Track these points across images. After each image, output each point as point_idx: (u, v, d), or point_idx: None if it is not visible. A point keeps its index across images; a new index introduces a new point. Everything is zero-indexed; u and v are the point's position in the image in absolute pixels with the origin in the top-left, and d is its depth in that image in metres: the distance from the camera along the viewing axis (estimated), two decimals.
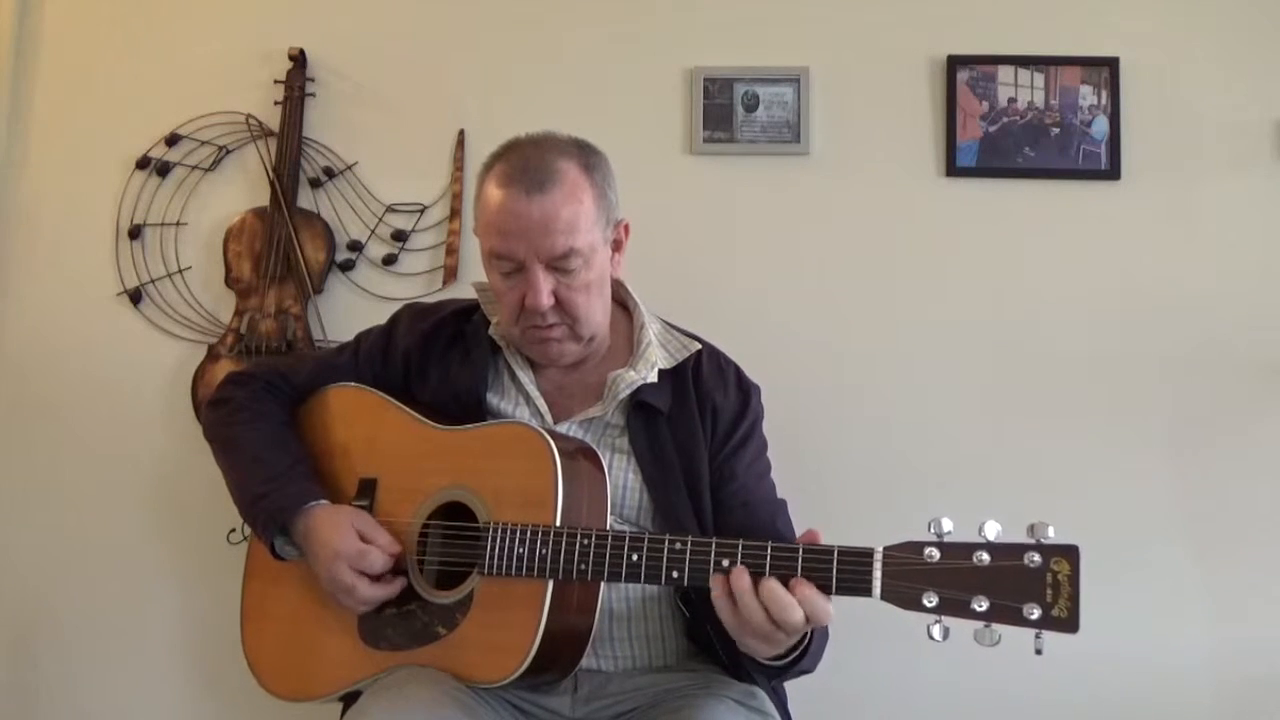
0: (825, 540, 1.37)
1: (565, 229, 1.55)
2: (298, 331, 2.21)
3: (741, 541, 1.37)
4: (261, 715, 1.93)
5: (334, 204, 2.29)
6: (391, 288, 2.25)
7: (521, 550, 1.46)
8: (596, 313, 1.64)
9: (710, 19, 2.28)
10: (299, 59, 2.28)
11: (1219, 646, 2.08)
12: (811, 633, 1.42)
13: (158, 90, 2.31)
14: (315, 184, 2.28)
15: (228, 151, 2.30)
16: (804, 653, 1.44)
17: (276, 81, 2.29)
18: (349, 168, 2.29)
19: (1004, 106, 2.21)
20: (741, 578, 1.35)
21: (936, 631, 1.27)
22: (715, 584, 1.36)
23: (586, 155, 1.63)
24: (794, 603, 1.32)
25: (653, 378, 1.65)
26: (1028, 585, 1.24)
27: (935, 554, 1.28)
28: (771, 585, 1.33)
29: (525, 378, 1.69)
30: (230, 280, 2.25)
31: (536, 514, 1.48)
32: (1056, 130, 2.20)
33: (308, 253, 2.23)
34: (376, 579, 1.56)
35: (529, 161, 1.57)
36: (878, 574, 1.30)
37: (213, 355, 2.22)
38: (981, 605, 1.25)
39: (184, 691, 2.22)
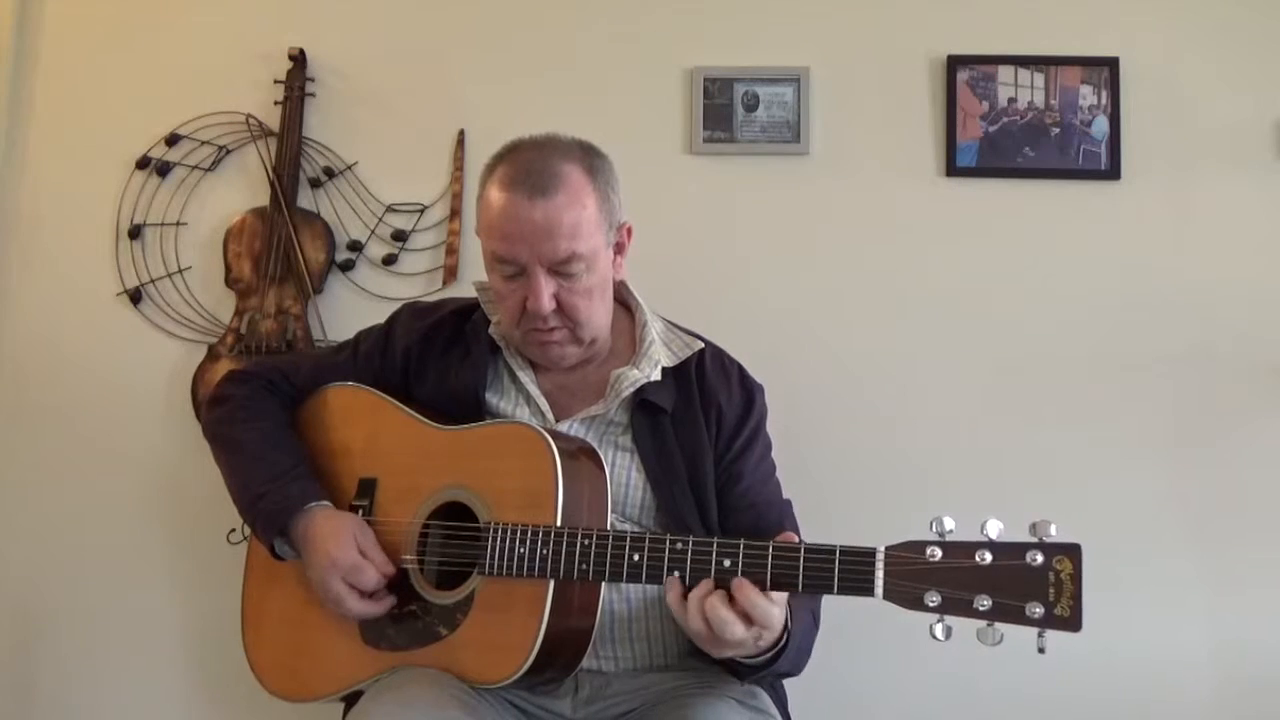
0: (823, 540, 1.36)
1: (568, 233, 1.54)
2: (298, 331, 2.21)
3: (743, 541, 1.37)
4: (262, 715, 1.92)
5: (334, 204, 2.28)
6: (391, 288, 2.25)
7: (522, 550, 1.46)
8: (598, 316, 1.64)
9: (710, 19, 2.28)
10: (299, 59, 2.28)
11: (1219, 646, 2.08)
12: (788, 636, 1.42)
13: (158, 90, 2.31)
14: (315, 184, 2.28)
15: (228, 151, 2.30)
16: (778, 655, 1.44)
17: (276, 81, 2.29)
18: (349, 168, 2.29)
19: (1004, 106, 2.21)
20: (672, 590, 1.37)
21: (939, 631, 1.27)
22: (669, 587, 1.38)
23: (590, 158, 1.62)
24: (733, 619, 1.33)
25: (656, 376, 1.65)
26: (1030, 584, 1.24)
27: (937, 553, 1.28)
28: (712, 602, 1.34)
29: (525, 377, 1.69)
30: (230, 280, 2.25)
31: (537, 514, 1.47)
32: (1056, 130, 2.20)
33: (308, 253, 2.23)
34: (367, 595, 1.56)
35: (532, 164, 1.56)
36: (880, 574, 1.30)
37: (213, 355, 2.22)
38: (984, 604, 1.25)
39: (184, 691, 2.22)
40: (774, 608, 1.35)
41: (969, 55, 2.23)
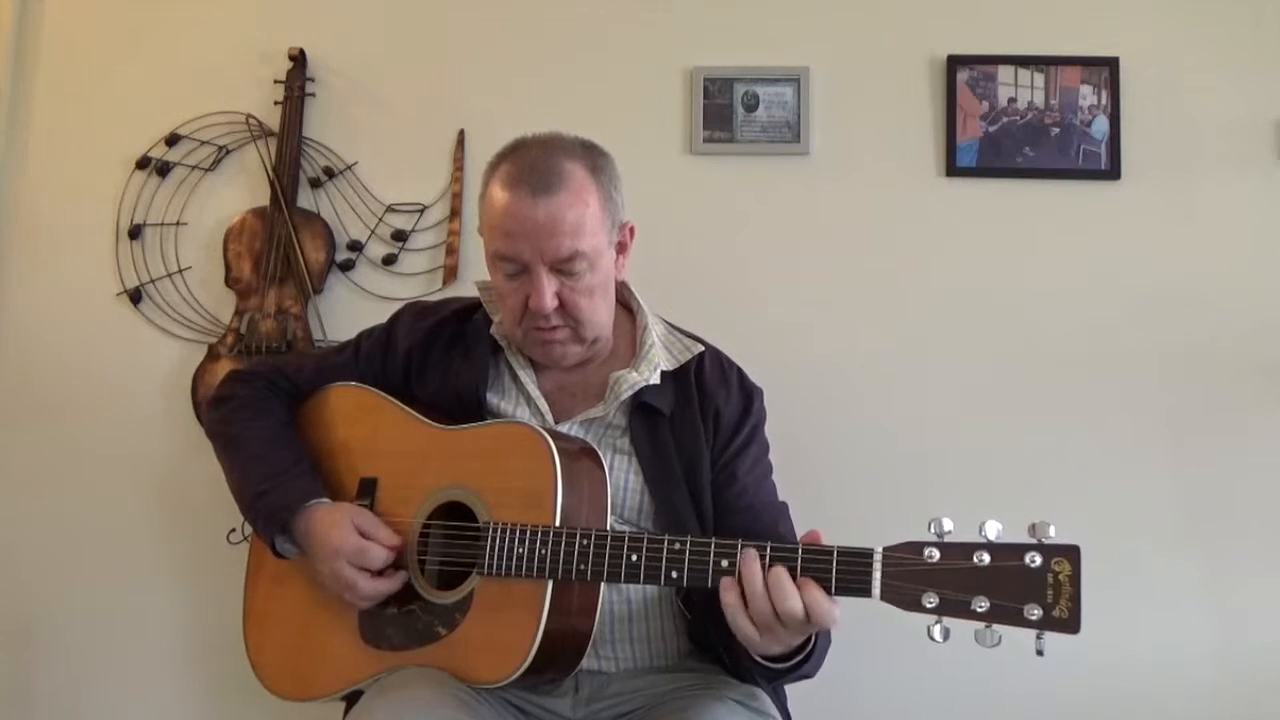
0: (825, 540, 1.36)
1: (570, 232, 1.54)
2: (298, 331, 2.21)
3: (741, 541, 1.37)
4: (263, 715, 1.92)
5: (334, 204, 2.29)
6: (391, 288, 2.25)
7: (521, 550, 1.46)
8: (600, 315, 1.64)
9: (710, 19, 2.28)
10: (299, 59, 2.28)
11: (1219, 646, 2.08)
12: (815, 637, 1.42)
13: (158, 90, 2.31)
14: (315, 184, 2.28)
15: (228, 151, 2.30)
16: (808, 657, 1.44)
17: (276, 81, 2.29)
18: (349, 168, 2.29)
19: (1004, 106, 2.21)
20: (752, 564, 1.34)
21: (937, 632, 1.27)
22: (725, 586, 1.36)
23: (593, 157, 1.62)
24: (794, 591, 1.31)
25: (655, 379, 1.65)
26: (1029, 585, 1.24)
27: (935, 554, 1.28)
28: (778, 572, 1.33)
29: (526, 377, 1.69)
30: (230, 280, 2.25)
31: (536, 514, 1.48)
32: (1056, 130, 2.20)
33: (308, 253, 2.23)
34: (378, 574, 1.56)
35: (535, 163, 1.56)
36: (877, 574, 1.30)
37: (213, 355, 2.22)
38: (982, 606, 1.25)
39: (184, 691, 2.22)
40: (835, 607, 1.33)
41: (969, 55, 2.23)
